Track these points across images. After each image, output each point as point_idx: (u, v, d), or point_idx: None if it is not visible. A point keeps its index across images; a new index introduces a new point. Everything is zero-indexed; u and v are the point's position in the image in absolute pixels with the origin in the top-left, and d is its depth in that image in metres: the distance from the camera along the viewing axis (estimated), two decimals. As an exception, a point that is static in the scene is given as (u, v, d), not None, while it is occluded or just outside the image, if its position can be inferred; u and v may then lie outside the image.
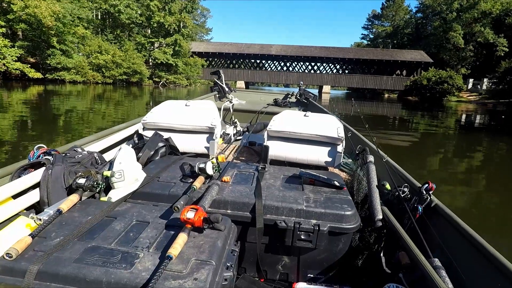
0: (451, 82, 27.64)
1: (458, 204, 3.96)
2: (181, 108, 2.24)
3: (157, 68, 28.93)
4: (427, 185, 1.34)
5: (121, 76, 24.71)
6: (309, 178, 1.43)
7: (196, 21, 56.42)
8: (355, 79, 34.35)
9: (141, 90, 22.41)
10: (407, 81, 32.26)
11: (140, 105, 13.35)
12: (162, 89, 25.96)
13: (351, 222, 1.21)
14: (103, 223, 1.01)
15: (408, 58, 33.46)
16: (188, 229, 0.92)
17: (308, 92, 5.28)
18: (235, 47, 36.09)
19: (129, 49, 25.60)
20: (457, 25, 35.78)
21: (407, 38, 44.70)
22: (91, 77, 23.27)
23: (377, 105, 24.09)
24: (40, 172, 1.26)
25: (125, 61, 24.44)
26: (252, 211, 1.21)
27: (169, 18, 27.60)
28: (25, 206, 1.17)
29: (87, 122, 8.14)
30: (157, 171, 1.48)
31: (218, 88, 4.70)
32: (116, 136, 2.02)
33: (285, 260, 1.29)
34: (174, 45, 28.13)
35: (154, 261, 0.83)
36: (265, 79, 35.78)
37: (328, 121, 2.18)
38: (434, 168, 5.78)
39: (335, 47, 36.67)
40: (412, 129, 11.40)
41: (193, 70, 31.05)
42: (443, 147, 8.14)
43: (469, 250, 1.05)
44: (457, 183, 4.90)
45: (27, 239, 0.86)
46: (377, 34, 48.31)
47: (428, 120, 14.55)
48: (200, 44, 39.26)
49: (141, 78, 26.51)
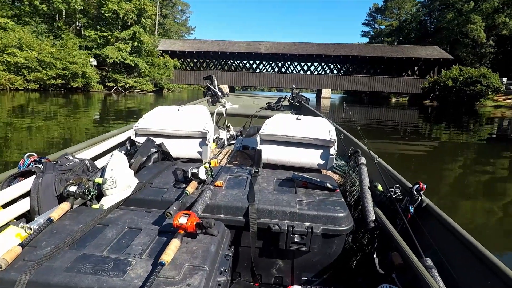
0: (485, 82, 21.96)
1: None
2: (174, 114, 2.21)
3: (113, 69, 22.52)
4: (418, 185, 1.35)
5: (53, 80, 18.35)
6: (302, 181, 1.44)
7: (177, 20, 50.55)
8: (359, 81, 28.65)
9: (87, 99, 16.58)
10: (424, 82, 26.60)
11: (80, 120, 8.94)
12: (116, 96, 19.71)
13: (344, 224, 1.21)
14: (95, 231, 0.99)
15: (423, 55, 27.88)
16: (181, 235, 0.91)
17: (301, 96, 5.32)
18: (216, 45, 30.17)
19: (67, 44, 19.22)
20: (477, 16, 30.53)
21: (414, 34, 39.40)
22: (5, 81, 16.96)
23: (387, 112, 18.47)
24: (31, 180, 1.25)
25: (60, 60, 18.10)
26: (246, 215, 1.21)
27: (126, 5, 21.36)
28: (15, 215, 1.16)
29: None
30: (150, 177, 1.46)
31: (211, 92, 4.63)
32: (108, 142, 2.00)
33: (279, 264, 1.29)
34: (133, 40, 21.85)
35: (147, 268, 0.82)
36: (253, 82, 29.82)
37: (320, 123, 2.19)
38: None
39: (335, 44, 30.99)
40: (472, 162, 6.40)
41: (161, 72, 24.83)
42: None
43: (460, 249, 1.07)
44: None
45: (17, 249, 0.85)
46: (380, 30, 42.86)
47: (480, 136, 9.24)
48: (174, 42, 33.14)
49: (87, 83, 20.16)
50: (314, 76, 29.68)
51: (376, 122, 12.48)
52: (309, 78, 29.57)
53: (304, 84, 29.57)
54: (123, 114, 11.22)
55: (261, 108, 4.65)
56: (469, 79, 22.47)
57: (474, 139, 8.75)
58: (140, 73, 23.66)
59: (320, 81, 29.33)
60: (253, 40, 31.69)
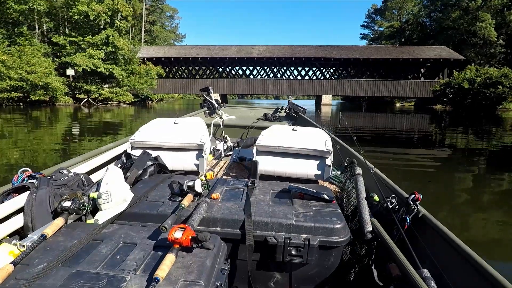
0: (507, 83, 19.43)
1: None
2: (170, 126, 2.20)
3: (85, 79, 19.71)
4: (414, 195, 1.33)
5: (7, 94, 15.48)
6: (298, 192, 1.42)
7: (167, 27, 48.24)
8: (362, 85, 26.18)
9: (53, 113, 13.95)
10: (435, 85, 24.10)
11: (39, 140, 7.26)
12: (87, 109, 16.91)
13: (341, 235, 1.19)
14: (89, 247, 0.97)
15: (431, 55, 25.46)
16: (176, 249, 0.90)
17: (297, 106, 5.35)
18: (205, 51, 27.66)
19: (24, 50, 16.36)
20: (485, 14, 28.40)
21: (416, 36, 37.17)
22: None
23: (394, 118, 15.94)
24: (24, 196, 1.23)
25: (14, 69, 15.27)
26: (242, 227, 1.19)
27: (97, 6, 18.66)
28: (8, 232, 1.14)
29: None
30: (145, 191, 1.44)
31: (208, 104, 4.53)
32: (104, 156, 2.00)
33: (276, 277, 1.27)
34: (106, 45, 19.10)
35: (141, 284, 0.80)
36: (246, 89, 27.18)
37: (316, 134, 2.17)
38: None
39: (335, 46, 28.54)
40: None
41: (143, 81, 22.11)
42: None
43: (457, 260, 1.06)
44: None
45: (8, 267, 0.83)
46: (380, 32, 40.59)
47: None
48: (160, 48, 30.55)
49: (52, 96, 17.32)
50: (313, 82, 27.11)
51: (382, 129, 11.35)
52: (308, 83, 27.00)
53: (302, 91, 27.00)
54: (90, 131, 8.88)
55: (258, 119, 4.64)
56: (488, 80, 19.96)
57: (495, 146, 7.64)
58: (119, 83, 20.93)
59: (319, 87, 26.77)
60: (246, 44, 29.19)
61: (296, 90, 26.79)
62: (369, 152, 5.52)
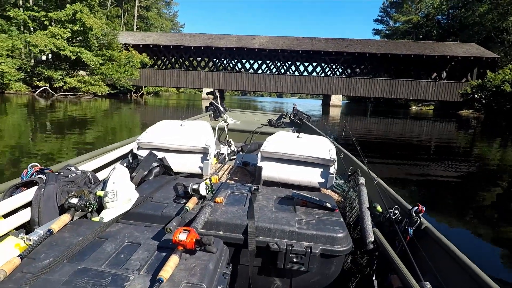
0: (561, 88, 15.96)
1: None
2: (176, 128, 2.25)
3: (48, 64, 16.21)
4: (417, 207, 1.34)
5: None
6: (302, 200, 1.44)
7: (165, 15, 44.67)
8: (378, 85, 22.77)
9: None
10: (464, 87, 20.66)
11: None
12: (43, 100, 13.52)
13: (343, 245, 1.20)
14: (94, 244, 0.99)
15: (459, 53, 21.98)
16: (180, 251, 0.91)
17: (302, 113, 5.32)
18: (200, 39, 24.21)
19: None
20: (520, 8, 24.82)
21: (436, 32, 33.58)
22: None
23: (413, 125, 12.48)
24: (33, 191, 1.25)
25: None
26: (245, 233, 1.20)
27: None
28: (15, 225, 1.16)
29: None
30: (150, 191, 1.47)
31: (213, 107, 4.73)
32: (111, 155, 2.02)
33: (277, 283, 1.28)
34: (73, 24, 15.59)
35: (145, 284, 0.82)
36: (245, 85, 23.72)
37: (320, 142, 2.21)
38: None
39: (348, 39, 24.99)
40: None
41: (122, 70, 18.66)
42: None
43: (459, 273, 1.07)
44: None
45: (15, 260, 0.85)
46: (395, 28, 36.96)
47: None
48: (149, 35, 27.03)
49: (1, 82, 13.88)
50: (321, 79, 23.61)
51: (399, 136, 9.90)
52: (315, 81, 23.51)
53: (308, 89, 23.53)
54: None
55: (262, 124, 4.69)
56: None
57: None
58: (93, 71, 17.50)
59: (328, 85, 23.32)
60: (246, 34, 25.74)
61: (302, 88, 23.37)
62: (381, 164, 5.19)
